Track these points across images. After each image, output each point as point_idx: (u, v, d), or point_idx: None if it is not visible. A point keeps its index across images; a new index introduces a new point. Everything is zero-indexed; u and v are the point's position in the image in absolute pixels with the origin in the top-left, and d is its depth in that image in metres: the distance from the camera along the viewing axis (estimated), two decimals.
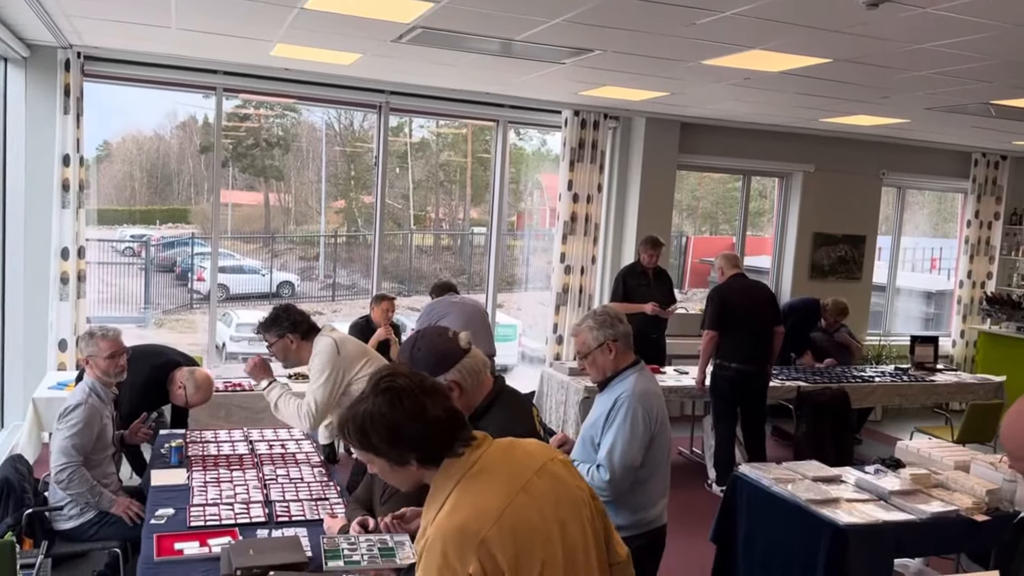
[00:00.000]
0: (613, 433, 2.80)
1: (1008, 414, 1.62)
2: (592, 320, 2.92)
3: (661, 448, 2.89)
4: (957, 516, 3.67)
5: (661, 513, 2.94)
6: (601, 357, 2.89)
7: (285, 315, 3.70)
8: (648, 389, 2.88)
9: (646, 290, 6.57)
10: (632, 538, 2.82)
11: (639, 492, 2.85)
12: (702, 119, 7.61)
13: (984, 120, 6.68)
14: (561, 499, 1.60)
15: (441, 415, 1.57)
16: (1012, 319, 8.42)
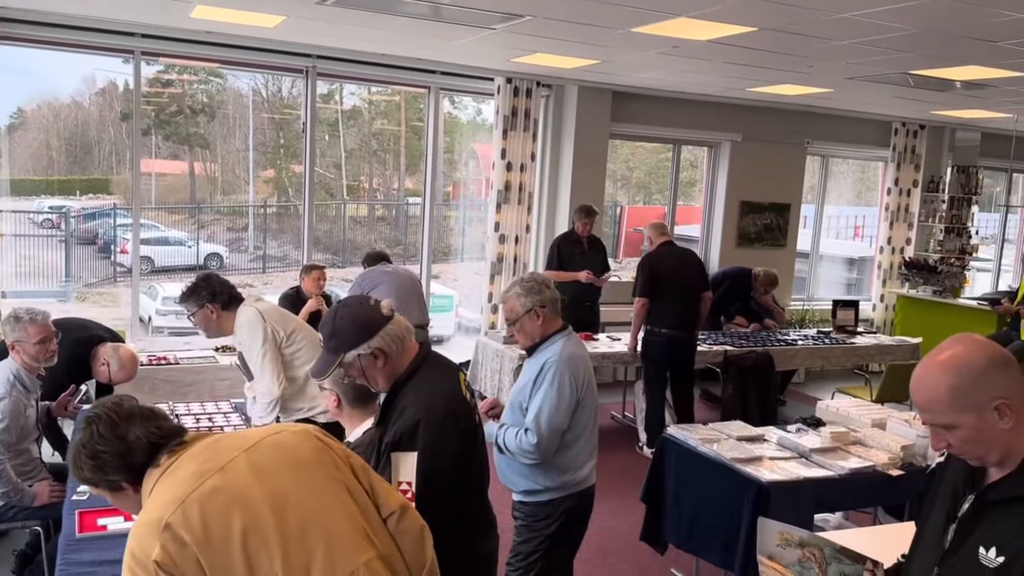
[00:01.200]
0: (540, 397, 2.85)
1: (916, 371, 1.68)
2: (519, 287, 2.94)
3: (588, 412, 2.96)
4: (873, 471, 3.83)
5: (589, 475, 3.01)
6: (529, 323, 2.92)
7: (205, 285, 3.61)
8: (575, 354, 2.93)
9: (580, 258, 6.63)
10: (561, 499, 2.94)
11: (566, 455, 2.92)
12: (633, 88, 7.66)
13: (903, 90, 6.89)
14: (284, 466, 1.59)
15: (140, 435, 1.60)
16: (929, 283, 8.78)
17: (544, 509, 2.94)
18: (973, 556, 1.63)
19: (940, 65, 5.69)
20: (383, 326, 2.19)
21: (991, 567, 1.59)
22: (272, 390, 3.51)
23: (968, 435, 1.60)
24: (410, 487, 2.04)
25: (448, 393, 2.18)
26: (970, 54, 5.24)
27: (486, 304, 7.56)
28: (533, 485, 2.94)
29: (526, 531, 2.99)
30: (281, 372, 3.55)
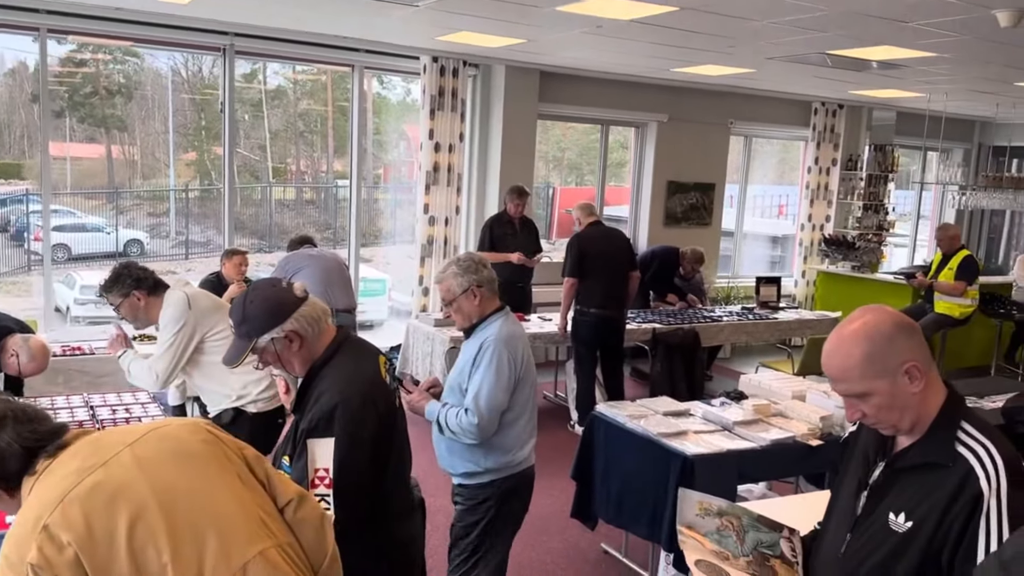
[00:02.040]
0: (479, 377, 2.83)
1: (827, 343, 1.72)
2: (456, 267, 2.91)
3: (527, 391, 2.96)
4: (794, 442, 3.94)
5: (529, 455, 3.01)
6: (466, 303, 2.90)
7: (127, 272, 3.48)
8: (513, 333, 2.92)
9: (512, 239, 6.63)
10: (501, 480, 2.94)
11: (507, 435, 2.92)
12: (561, 68, 7.66)
13: (822, 70, 7.06)
14: (172, 459, 1.56)
15: (12, 440, 1.52)
16: (847, 259, 9.06)
17: (485, 491, 2.94)
18: (883, 521, 1.68)
19: (856, 45, 5.84)
20: (296, 308, 2.13)
21: (900, 532, 1.65)
22: (158, 378, 3.41)
23: (882, 401, 1.63)
24: (327, 473, 1.99)
25: (367, 377, 2.14)
26: (884, 34, 5.39)
27: (417, 287, 7.49)
28: (474, 467, 2.93)
29: (467, 514, 2.98)
30: (175, 372, 3.44)
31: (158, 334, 3.49)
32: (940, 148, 9.43)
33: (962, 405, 1.68)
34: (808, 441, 3.94)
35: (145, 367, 3.45)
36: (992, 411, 4.60)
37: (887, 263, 9.78)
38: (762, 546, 1.87)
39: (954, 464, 1.60)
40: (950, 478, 1.59)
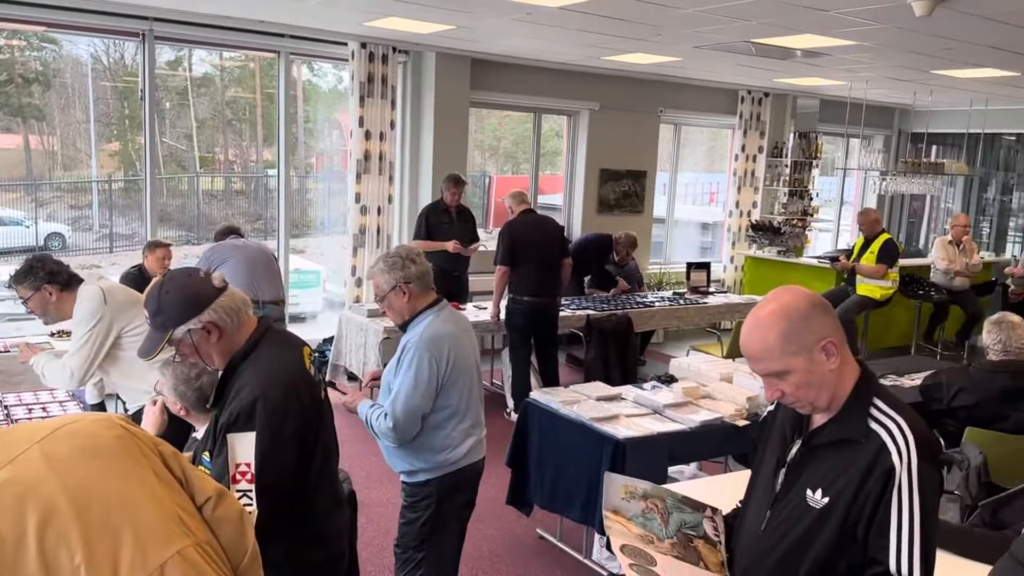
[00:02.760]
0: (399, 381, 2.81)
1: (745, 325, 1.75)
2: (383, 263, 2.85)
3: (461, 390, 2.90)
4: (721, 423, 4.03)
5: (470, 452, 2.97)
6: (396, 300, 2.85)
7: (40, 265, 3.35)
8: (439, 333, 2.84)
9: (449, 228, 6.61)
10: (439, 480, 2.91)
11: (438, 435, 2.88)
12: (493, 55, 7.63)
13: (747, 59, 7.19)
14: (84, 456, 1.52)
15: None
16: (773, 244, 9.29)
17: (423, 489, 2.92)
18: (801, 497, 1.72)
19: (780, 34, 5.96)
20: (215, 299, 2.06)
21: (817, 507, 1.69)
22: (74, 376, 3.29)
23: (800, 379, 1.67)
24: (249, 468, 1.95)
25: (289, 369, 2.09)
26: (806, 23, 5.51)
27: (350, 278, 7.39)
28: (408, 466, 2.92)
29: (408, 511, 2.98)
30: (91, 369, 3.33)
31: (73, 330, 3.37)
32: (862, 135, 9.71)
33: (874, 382, 1.73)
34: (735, 421, 4.03)
35: (59, 366, 3.33)
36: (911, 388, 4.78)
37: (812, 247, 10.06)
38: (686, 527, 1.90)
39: (867, 440, 1.64)
40: (863, 454, 1.64)
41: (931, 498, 1.60)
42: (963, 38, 5.69)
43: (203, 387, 2.51)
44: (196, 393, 2.50)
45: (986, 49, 6.09)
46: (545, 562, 4.12)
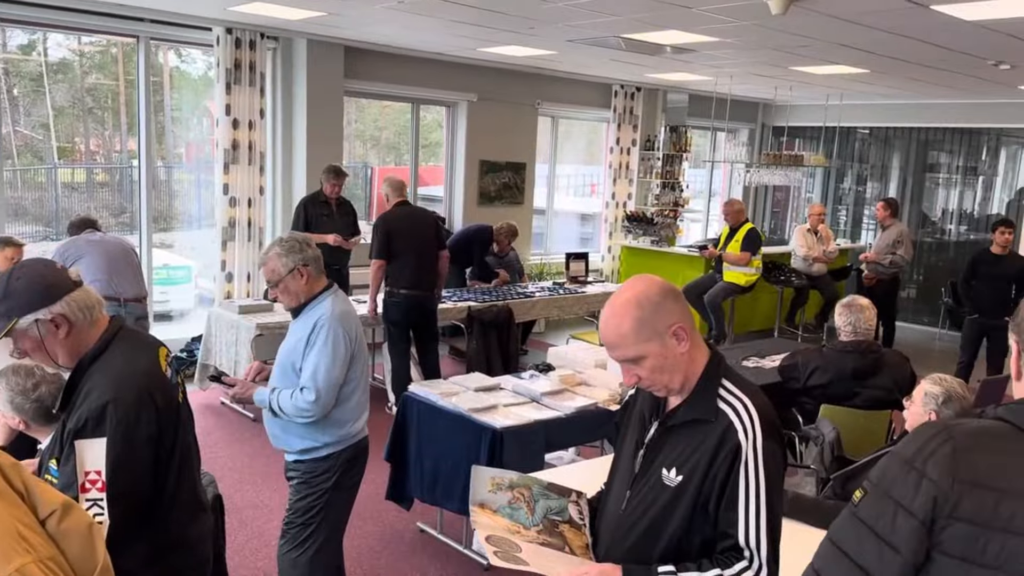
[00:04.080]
0: (315, 355, 2.85)
1: (603, 314, 1.80)
2: (279, 247, 2.91)
3: (361, 366, 3.03)
4: (596, 408, 4.12)
5: (364, 426, 3.09)
6: (293, 283, 2.90)
7: None
8: (346, 311, 2.97)
9: (328, 220, 6.47)
10: (339, 452, 3.00)
11: (344, 409, 2.96)
12: (367, 44, 7.50)
13: (618, 54, 7.36)
14: None
15: None
16: (647, 234, 9.59)
17: (323, 464, 2.99)
18: (657, 477, 1.79)
19: (647, 29, 6.13)
20: (68, 292, 1.93)
21: (672, 486, 1.76)
22: None
23: (654, 363, 1.73)
24: (99, 476, 1.83)
25: (143, 371, 1.98)
26: (672, 19, 5.69)
27: (219, 273, 7.11)
28: (312, 443, 2.96)
29: (305, 487, 3.00)
30: None
31: None
32: (727, 129, 10.15)
33: (722, 364, 1.81)
34: (609, 406, 4.14)
35: None
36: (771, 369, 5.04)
37: (683, 237, 10.44)
38: (551, 513, 1.93)
39: (716, 419, 1.72)
40: (713, 433, 1.72)
41: (775, 473, 1.69)
42: (817, 36, 6.02)
43: (42, 397, 2.34)
44: (35, 404, 2.33)
45: (838, 47, 6.46)
46: (426, 555, 4.11)
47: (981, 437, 1.24)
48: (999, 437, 1.23)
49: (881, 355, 4.07)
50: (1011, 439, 1.23)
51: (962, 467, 1.20)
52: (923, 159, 10.97)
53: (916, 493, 1.21)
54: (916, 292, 10.59)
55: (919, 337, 9.83)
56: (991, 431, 1.25)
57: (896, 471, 1.25)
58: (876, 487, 1.27)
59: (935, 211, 11.10)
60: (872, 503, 1.27)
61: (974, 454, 1.21)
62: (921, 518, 1.20)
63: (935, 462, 1.21)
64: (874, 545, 1.24)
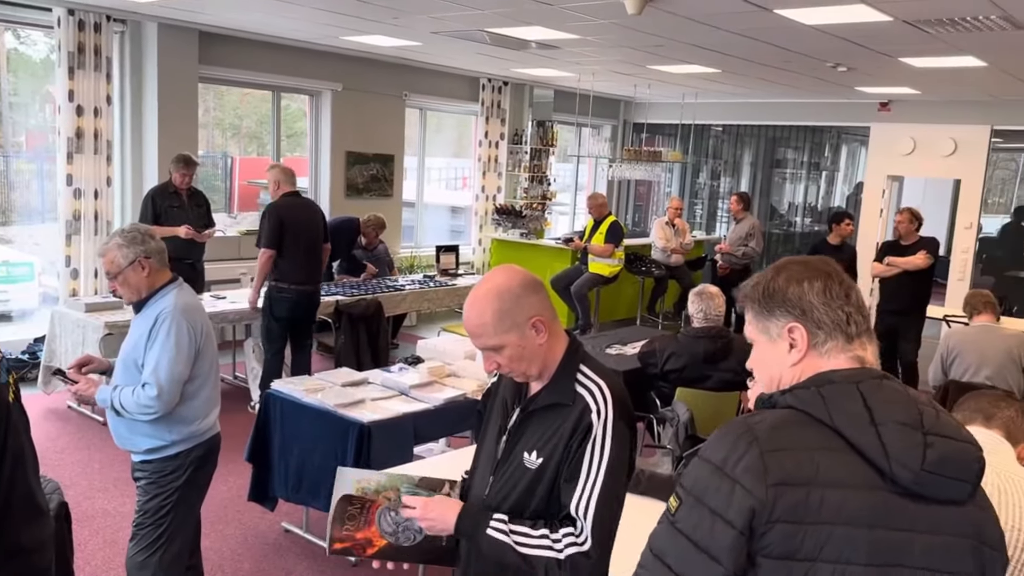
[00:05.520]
0: (157, 350, 2.77)
1: (466, 303, 1.83)
2: (120, 238, 2.82)
3: (209, 360, 2.94)
4: (465, 399, 4.15)
5: (215, 423, 3.02)
6: (134, 276, 2.81)
7: None
8: (191, 304, 2.88)
9: (179, 212, 6.18)
10: (188, 450, 2.90)
11: (191, 405, 2.88)
12: (224, 29, 7.21)
13: (485, 47, 7.42)
14: None
15: None
16: (516, 227, 9.72)
17: (172, 463, 2.90)
18: (519, 461, 1.83)
19: (511, 24, 6.20)
20: None
21: (532, 468, 1.81)
22: None
23: (513, 353, 1.78)
24: None
25: None
26: (534, 15, 5.79)
27: (64, 269, 6.66)
28: (159, 442, 2.87)
29: (153, 487, 2.91)
30: None
31: None
32: (591, 124, 10.42)
33: (580, 351, 1.88)
34: (477, 397, 4.17)
35: None
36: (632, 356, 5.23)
37: (551, 229, 10.66)
38: None
39: (574, 403, 1.79)
40: (570, 415, 1.78)
41: (620, 451, 1.77)
42: (671, 36, 6.28)
43: None
44: None
45: (692, 47, 6.77)
46: (292, 555, 4.01)
47: (781, 433, 1.24)
48: (796, 428, 1.25)
49: (730, 339, 4.30)
50: (807, 428, 1.25)
51: (772, 470, 1.19)
52: (771, 155, 11.67)
53: (731, 502, 1.20)
54: None
55: None
56: (787, 423, 1.26)
57: (708, 478, 1.24)
58: (690, 495, 1.25)
59: (783, 204, 11.84)
60: (688, 512, 1.24)
61: (780, 454, 1.21)
62: (740, 527, 1.19)
63: (745, 468, 1.20)
64: (694, 555, 1.22)
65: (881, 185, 10.23)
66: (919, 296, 6.61)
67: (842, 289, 1.36)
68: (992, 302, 5.14)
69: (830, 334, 1.34)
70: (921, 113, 9.75)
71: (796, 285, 1.36)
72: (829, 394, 1.27)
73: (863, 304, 1.38)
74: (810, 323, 1.34)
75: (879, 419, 1.23)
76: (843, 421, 1.24)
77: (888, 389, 1.28)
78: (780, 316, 1.37)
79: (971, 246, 9.67)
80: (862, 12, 4.92)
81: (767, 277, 1.41)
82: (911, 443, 1.22)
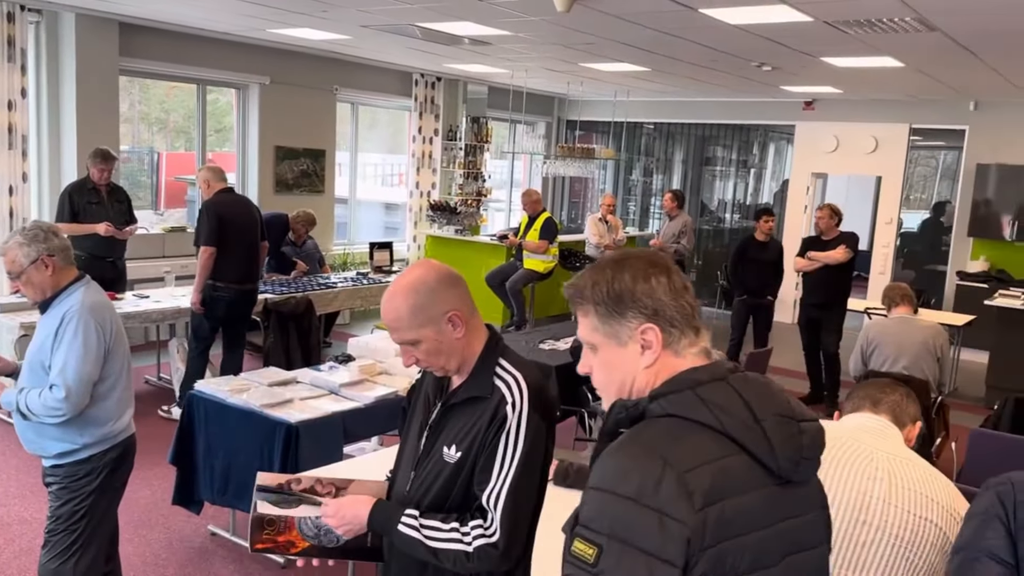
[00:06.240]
0: (64, 350, 2.69)
1: (383, 297, 1.81)
2: (21, 236, 2.73)
3: (121, 360, 2.86)
4: (396, 396, 4.11)
5: (129, 423, 2.94)
6: (37, 275, 2.73)
7: None
8: (98, 302, 2.81)
9: (98, 208, 5.97)
10: (102, 453, 2.83)
11: (103, 406, 2.81)
12: (146, 20, 6.99)
13: (416, 42, 7.36)
14: None
15: None
16: (451, 223, 9.69)
17: (84, 466, 2.82)
18: (440, 455, 1.83)
19: (442, 19, 6.17)
20: None
21: (452, 462, 1.81)
22: None
23: (431, 347, 1.78)
24: None
25: None
26: (464, 11, 5.77)
27: None
28: (70, 445, 2.79)
29: (65, 493, 2.82)
30: None
31: None
32: (525, 121, 10.45)
33: (500, 345, 1.88)
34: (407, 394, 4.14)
35: None
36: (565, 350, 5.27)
37: (487, 226, 10.66)
38: None
39: (492, 395, 1.79)
40: (488, 408, 1.79)
41: (535, 442, 1.77)
42: (601, 34, 6.34)
43: None
44: None
45: (621, 45, 6.84)
46: (218, 558, 3.92)
47: (685, 447, 1.17)
48: (694, 439, 1.18)
49: None
50: (701, 436, 1.19)
51: (696, 492, 1.12)
52: (702, 153, 11.89)
53: (664, 538, 1.10)
54: (696, 276, 11.47)
55: None
56: (682, 435, 1.19)
57: (627, 516, 1.12)
58: (612, 539, 1.12)
59: (713, 201, 12.07)
60: (617, 561, 1.11)
61: (695, 471, 1.14)
62: (681, 564, 1.11)
63: (669, 496, 1.11)
64: None
65: (806, 182, 10.53)
66: (840, 289, 6.82)
67: (681, 281, 1.31)
68: (909, 295, 5.33)
69: (683, 331, 1.29)
70: (844, 112, 10.06)
71: (643, 282, 1.29)
72: (707, 396, 1.22)
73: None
74: (663, 322, 1.28)
75: (760, 415, 1.21)
76: (731, 423, 1.19)
77: (752, 381, 1.27)
78: (632, 318, 1.29)
79: (892, 241, 10.02)
80: (784, 12, 5.05)
81: (608, 276, 1.32)
82: (788, 434, 1.22)
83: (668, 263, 1.33)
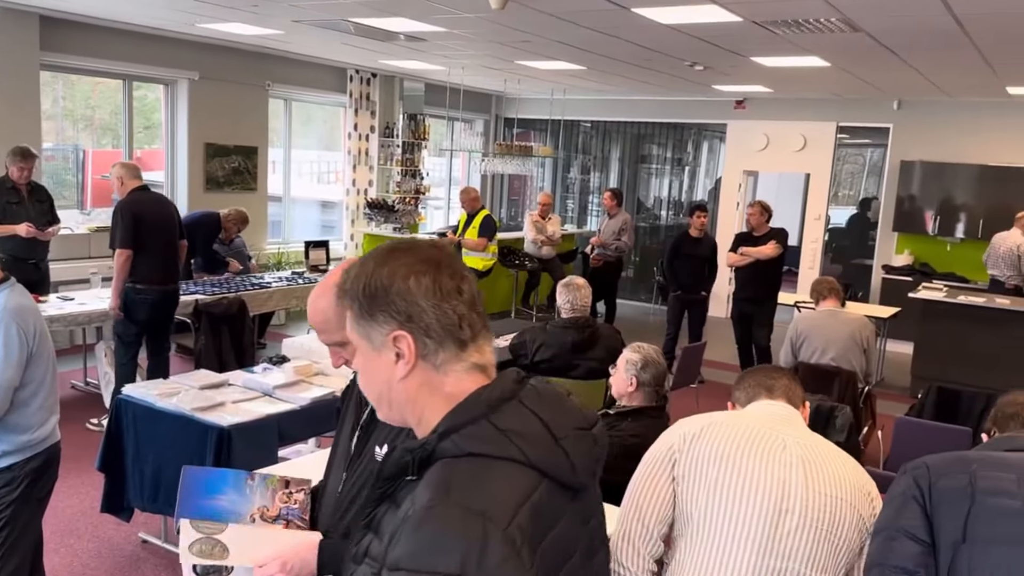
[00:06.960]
0: None
1: (309, 297, 1.78)
2: None
3: (45, 364, 2.77)
4: (332, 397, 4.05)
5: (53, 431, 2.85)
6: None
7: None
8: (22, 304, 2.70)
9: (19, 208, 5.79)
10: (24, 462, 2.73)
11: (24, 413, 2.72)
12: (68, 14, 6.75)
13: (351, 38, 7.27)
14: None
15: None
16: (388, 221, 9.61)
17: (4, 476, 2.72)
18: (371, 456, 1.81)
19: (376, 15, 6.11)
20: None
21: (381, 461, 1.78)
22: None
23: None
24: None
25: None
26: (399, 7, 5.72)
27: None
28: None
29: None
30: None
31: None
32: (463, 119, 10.42)
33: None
34: None
35: None
36: (505, 348, 5.28)
37: (426, 224, 10.60)
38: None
39: None
40: None
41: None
42: (536, 32, 6.36)
43: None
44: None
45: (557, 44, 6.88)
46: (149, 566, 3.82)
47: (502, 496, 1.06)
48: (505, 483, 1.08)
49: (596, 329, 4.41)
50: (509, 475, 1.08)
51: (524, 551, 1.03)
52: (637, 151, 12.04)
53: None
54: (634, 272, 11.62)
55: (635, 312, 10.82)
56: (492, 479, 1.07)
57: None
58: None
59: (649, 198, 12.24)
60: None
61: (518, 525, 1.04)
62: None
63: (499, 562, 1.00)
64: None
65: (738, 179, 10.76)
66: (770, 284, 7.00)
67: (453, 282, 1.17)
68: (836, 288, 5.49)
69: (441, 343, 1.16)
70: (773, 111, 10.31)
71: (402, 281, 1.16)
72: (506, 425, 1.11)
73: (477, 298, 1.21)
74: (418, 330, 1.15)
75: (559, 434, 1.14)
76: (536, 454, 1.10)
77: (545, 395, 1.19)
78: (383, 322, 1.16)
79: (820, 236, 10.31)
80: (714, 12, 5.14)
81: (368, 269, 1.19)
82: (587, 448, 1.18)
83: (441, 259, 1.19)
